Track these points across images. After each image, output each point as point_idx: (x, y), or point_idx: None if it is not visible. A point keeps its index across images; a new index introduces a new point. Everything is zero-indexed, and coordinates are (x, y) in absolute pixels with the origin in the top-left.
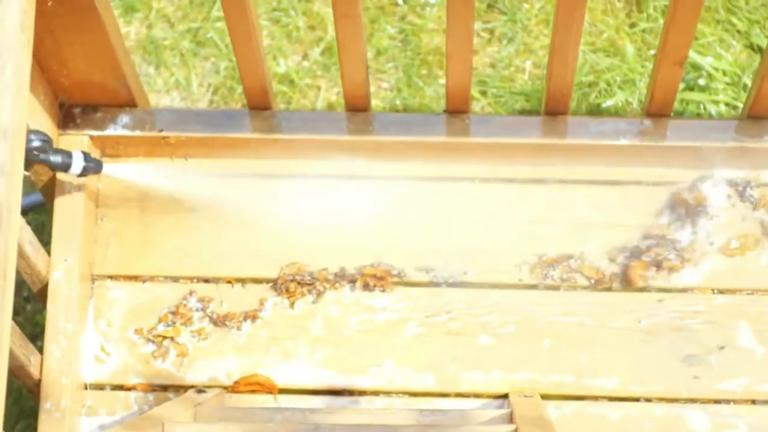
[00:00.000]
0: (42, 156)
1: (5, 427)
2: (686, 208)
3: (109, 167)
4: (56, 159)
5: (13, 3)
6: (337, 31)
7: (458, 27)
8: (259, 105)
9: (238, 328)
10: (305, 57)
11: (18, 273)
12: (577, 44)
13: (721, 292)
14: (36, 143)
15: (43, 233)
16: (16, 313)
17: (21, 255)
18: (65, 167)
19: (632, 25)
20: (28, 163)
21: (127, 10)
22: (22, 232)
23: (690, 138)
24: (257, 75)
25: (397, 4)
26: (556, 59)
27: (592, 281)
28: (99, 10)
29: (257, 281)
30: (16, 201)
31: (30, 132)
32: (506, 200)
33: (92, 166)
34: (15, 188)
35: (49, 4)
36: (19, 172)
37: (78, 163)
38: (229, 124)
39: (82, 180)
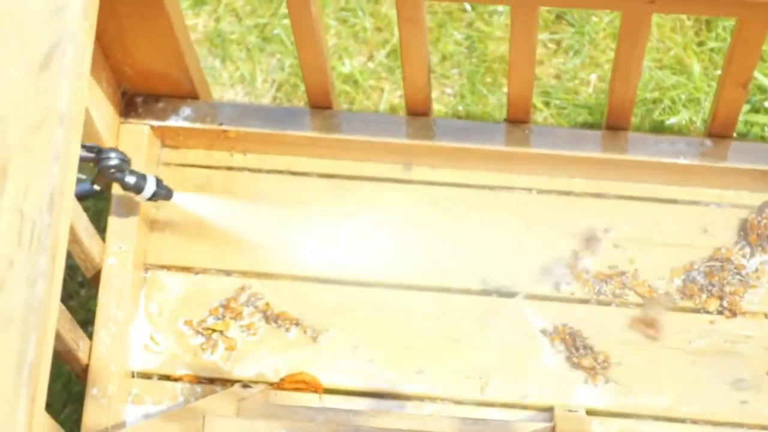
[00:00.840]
0: (118, 175)
1: (53, 411)
2: (756, 233)
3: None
4: (130, 180)
5: None
6: (400, 34)
7: (521, 37)
8: (320, 104)
9: (287, 330)
10: (370, 58)
11: (74, 258)
12: (640, 61)
13: None
14: (114, 161)
15: (101, 219)
16: (70, 297)
17: (76, 240)
18: (137, 189)
19: (700, 44)
20: (103, 180)
21: (196, 2)
22: (77, 217)
23: (751, 161)
24: (319, 74)
25: (465, 11)
26: (619, 74)
27: (645, 299)
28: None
29: (309, 280)
30: (70, 187)
31: (111, 150)
32: (563, 213)
33: (162, 193)
34: (69, 174)
35: None
36: (75, 158)
37: (150, 188)
38: (290, 121)
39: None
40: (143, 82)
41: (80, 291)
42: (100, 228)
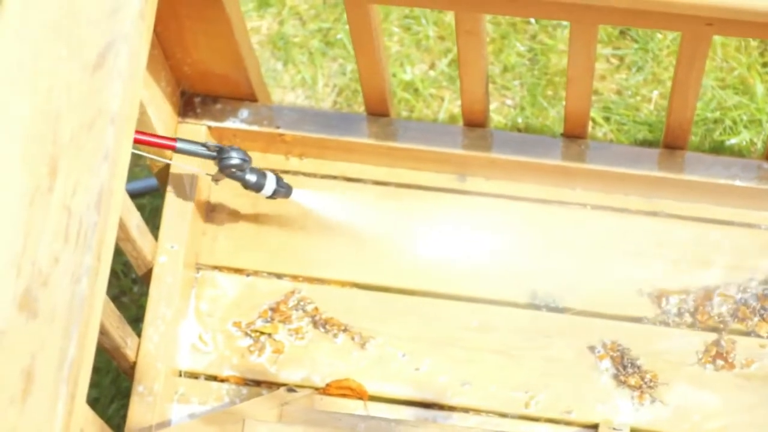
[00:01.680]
0: (238, 174)
1: (101, 406)
2: None
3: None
4: (251, 178)
5: None
6: (459, 46)
7: (580, 53)
8: (377, 111)
9: (335, 336)
10: (432, 66)
11: (127, 255)
12: (698, 81)
13: None
14: (236, 161)
15: (157, 217)
16: (123, 293)
17: (127, 238)
18: (258, 188)
19: (765, 65)
20: (223, 177)
21: (261, 5)
22: (130, 215)
23: None
24: (377, 82)
25: (529, 23)
26: (677, 94)
27: (696, 320)
28: (224, 1)
29: (359, 286)
30: (119, 186)
31: (231, 149)
32: (616, 230)
33: (283, 191)
34: (119, 174)
35: None
36: (125, 158)
37: (270, 186)
38: (346, 127)
39: (197, 170)
40: (202, 83)
41: (133, 288)
42: (156, 225)
